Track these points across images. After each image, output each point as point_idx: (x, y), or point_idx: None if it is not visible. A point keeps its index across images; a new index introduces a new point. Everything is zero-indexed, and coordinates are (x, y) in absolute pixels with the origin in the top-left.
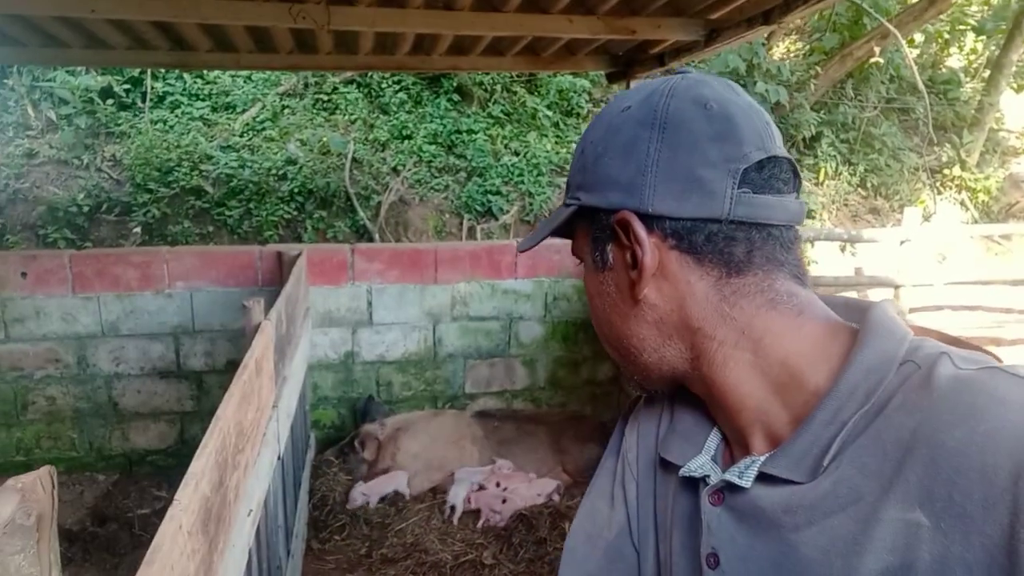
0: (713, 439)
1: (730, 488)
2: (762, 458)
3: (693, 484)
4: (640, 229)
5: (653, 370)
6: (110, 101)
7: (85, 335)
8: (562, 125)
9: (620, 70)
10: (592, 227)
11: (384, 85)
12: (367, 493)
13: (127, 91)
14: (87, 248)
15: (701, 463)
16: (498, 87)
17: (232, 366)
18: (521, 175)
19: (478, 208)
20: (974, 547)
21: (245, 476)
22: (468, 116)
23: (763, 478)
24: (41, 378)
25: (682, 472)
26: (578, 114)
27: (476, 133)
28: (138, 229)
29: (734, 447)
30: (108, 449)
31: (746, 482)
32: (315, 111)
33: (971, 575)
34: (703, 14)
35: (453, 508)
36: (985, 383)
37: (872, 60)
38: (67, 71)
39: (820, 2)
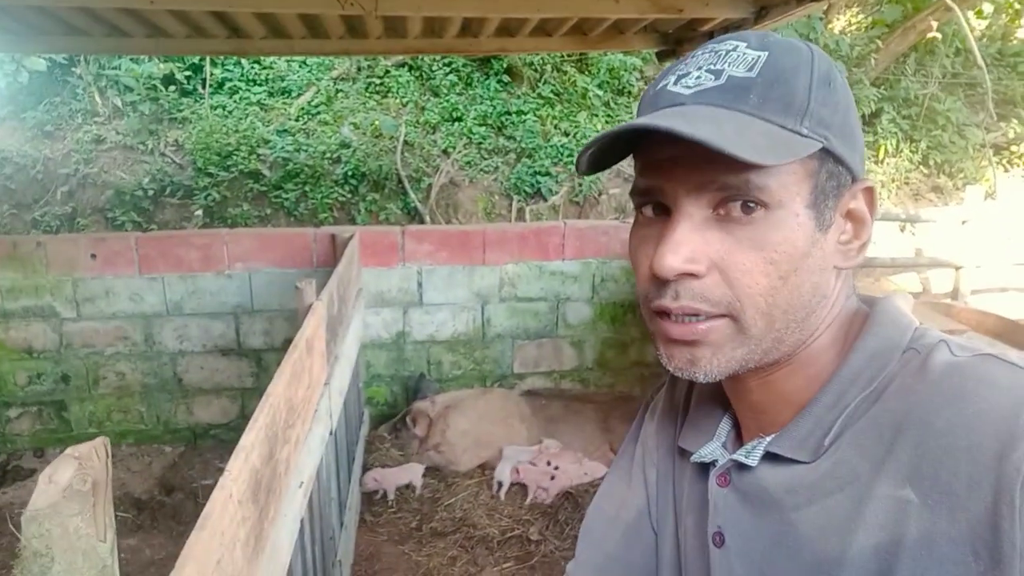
0: (724, 427)
1: (737, 469)
2: (768, 438)
3: (704, 469)
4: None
5: (777, 352)
6: (172, 88)
7: (151, 314)
8: (613, 104)
9: (670, 48)
10: (818, 176)
11: (435, 67)
12: (379, 479)
13: (188, 78)
14: (152, 230)
15: (712, 449)
16: (548, 67)
17: (289, 344)
18: (571, 156)
19: (527, 189)
20: (959, 523)
21: (296, 450)
22: (518, 97)
23: (769, 458)
24: (111, 354)
25: (693, 458)
26: (629, 92)
27: (526, 114)
28: (200, 212)
29: (745, 433)
30: (174, 422)
31: (752, 461)
32: (368, 94)
33: (956, 549)
34: None
35: (500, 484)
36: (976, 368)
37: (930, 35)
38: (131, 59)
39: None
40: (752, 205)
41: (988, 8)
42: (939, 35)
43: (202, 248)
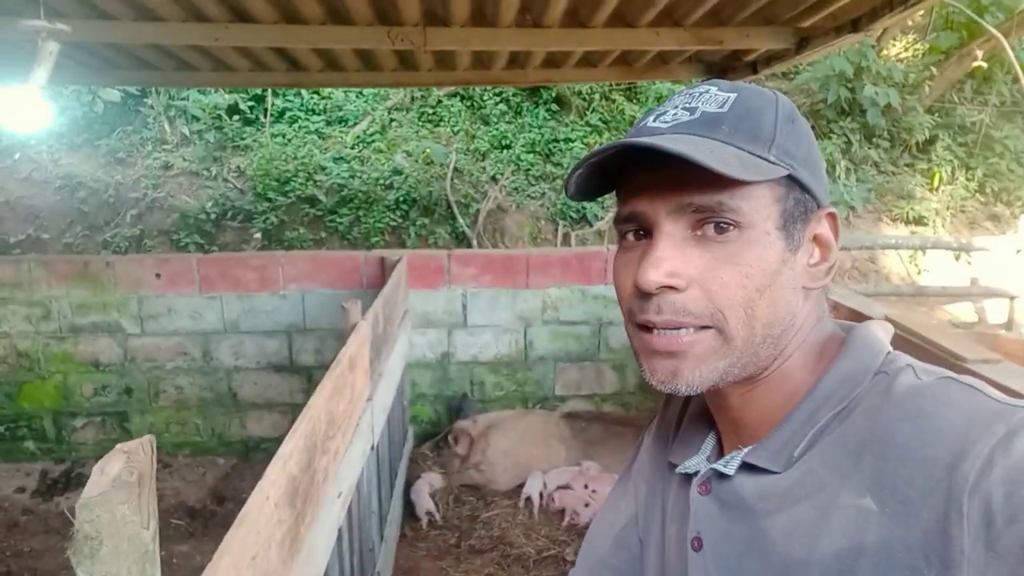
0: (709, 442)
1: (717, 478)
2: (746, 450)
3: (688, 480)
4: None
5: (753, 367)
6: (236, 117)
7: (210, 331)
8: None
9: (714, 77)
10: (786, 201)
11: (485, 97)
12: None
13: (251, 108)
14: (213, 252)
15: (696, 461)
16: (596, 96)
17: None
18: None
19: (573, 215)
20: (914, 530)
21: (335, 461)
22: (566, 125)
23: (745, 468)
24: (171, 369)
25: (679, 469)
26: None
27: (573, 141)
28: (258, 235)
29: (726, 447)
30: (228, 435)
31: (730, 470)
32: (420, 123)
33: (910, 555)
34: (792, 23)
35: (529, 499)
36: (936, 389)
37: (975, 64)
38: (198, 91)
39: (907, 9)
40: (725, 225)
41: None
42: (984, 64)
43: (258, 269)
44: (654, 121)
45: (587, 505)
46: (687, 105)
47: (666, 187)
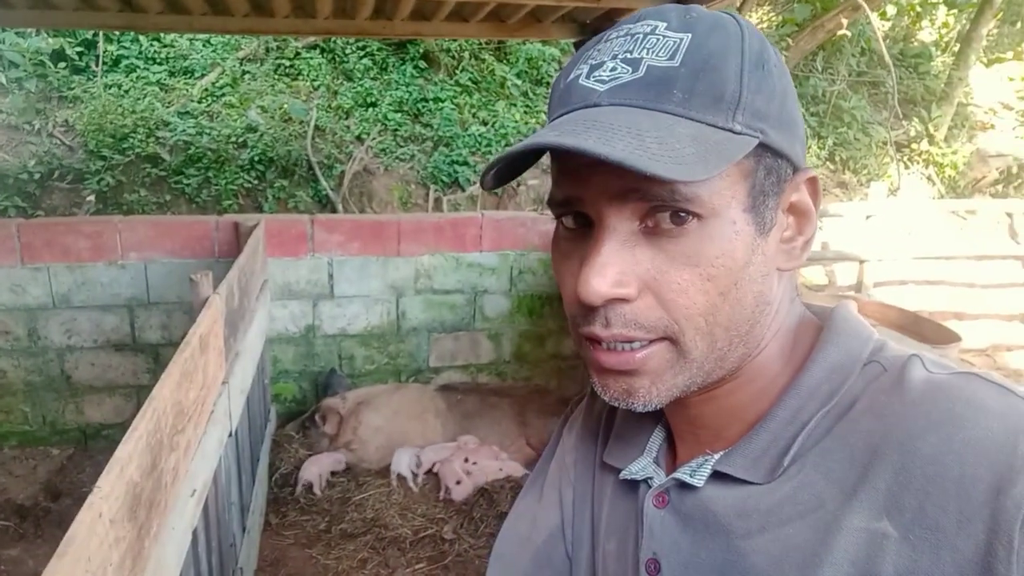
0: (655, 441)
1: (678, 489)
2: (716, 456)
3: (633, 488)
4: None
5: (721, 371)
6: (62, 64)
7: (35, 307)
8: (531, 94)
9: (588, 39)
10: (756, 174)
11: (348, 51)
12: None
13: (80, 54)
14: (39, 217)
15: (643, 465)
16: (466, 54)
17: None
18: (489, 145)
19: (444, 179)
20: (944, 562)
21: (186, 457)
22: (435, 84)
23: (716, 478)
24: None
25: (623, 475)
26: (547, 82)
27: (443, 101)
28: (92, 197)
29: (681, 448)
30: (62, 423)
31: (698, 481)
32: (276, 77)
33: None
34: None
35: (401, 477)
36: (962, 389)
37: (840, 33)
38: (15, 32)
39: None
40: (683, 215)
41: (891, 10)
42: (848, 33)
43: (92, 236)
44: (588, 77)
45: (459, 483)
46: (628, 55)
47: (608, 168)
